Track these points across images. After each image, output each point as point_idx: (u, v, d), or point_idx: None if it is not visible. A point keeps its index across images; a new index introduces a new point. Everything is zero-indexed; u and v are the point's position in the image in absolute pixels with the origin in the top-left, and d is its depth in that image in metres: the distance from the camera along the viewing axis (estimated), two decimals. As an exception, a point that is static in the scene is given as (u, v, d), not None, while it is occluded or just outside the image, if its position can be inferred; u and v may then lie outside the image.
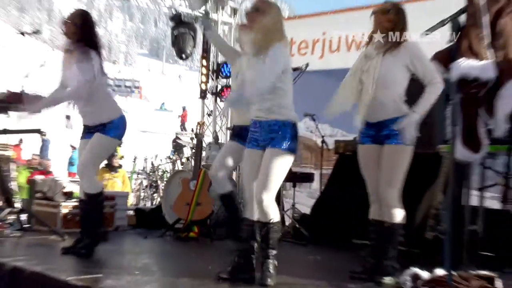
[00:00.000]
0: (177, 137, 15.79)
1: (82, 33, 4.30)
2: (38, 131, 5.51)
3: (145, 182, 14.23)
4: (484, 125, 3.17)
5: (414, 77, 3.60)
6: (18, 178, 9.81)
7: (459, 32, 2.53)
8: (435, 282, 3.00)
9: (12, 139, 16.10)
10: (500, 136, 3.35)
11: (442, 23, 2.48)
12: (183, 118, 31.50)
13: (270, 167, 3.43)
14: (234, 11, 9.24)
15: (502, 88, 3.02)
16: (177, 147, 14.45)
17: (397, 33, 3.51)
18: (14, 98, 5.04)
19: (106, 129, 4.34)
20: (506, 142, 3.78)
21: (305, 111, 6.55)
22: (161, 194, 9.79)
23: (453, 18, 2.50)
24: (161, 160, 14.96)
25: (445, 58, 2.86)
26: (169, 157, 15.10)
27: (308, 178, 6.81)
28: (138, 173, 14.73)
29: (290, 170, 6.26)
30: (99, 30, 4.70)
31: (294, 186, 6.42)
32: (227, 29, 9.23)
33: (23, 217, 5.60)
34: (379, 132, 3.68)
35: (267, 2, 3.59)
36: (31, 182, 6.34)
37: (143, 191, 14.02)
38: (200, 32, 8.81)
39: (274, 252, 3.47)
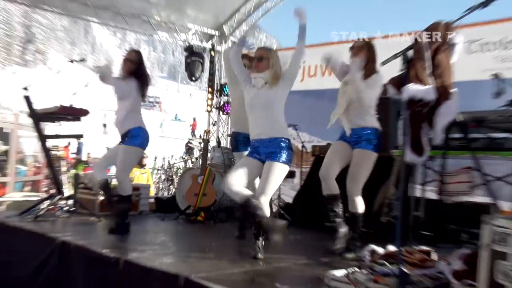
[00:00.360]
0: (189, 142, 15.75)
1: (135, 69, 4.35)
2: (81, 136, 5.48)
3: (163, 177, 14.18)
4: (426, 135, 3.19)
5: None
6: (76, 171, 9.77)
7: (408, 63, 2.55)
8: (388, 256, 3.00)
9: (62, 142, 16.12)
10: (437, 144, 3.37)
11: (395, 56, 2.49)
12: (193, 127, 31.44)
13: (269, 177, 3.41)
14: (234, 44, 9.25)
15: (439, 107, 3.04)
16: (189, 150, 14.40)
17: (370, 65, 3.56)
18: (64, 110, 5.04)
19: (127, 139, 4.32)
20: (442, 148, 3.82)
21: (289, 123, 6.52)
22: (176, 186, 9.74)
23: (403, 53, 2.51)
24: (175, 159, 14.92)
25: (398, 83, 2.87)
26: (182, 157, 15.04)
27: (291, 175, 6.76)
28: (158, 169, 14.69)
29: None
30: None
31: (279, 180, 6.40)
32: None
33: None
34: (350, 138, 3.69)
35: (267, 50, 3.60)
36: (75, 176, 6.30)
37: (161, 183, 13.97)
38: (207, 60, 8.85)
39: (262, 236, 3.48)
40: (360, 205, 3.59)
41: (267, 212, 3.43)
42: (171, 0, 8.33)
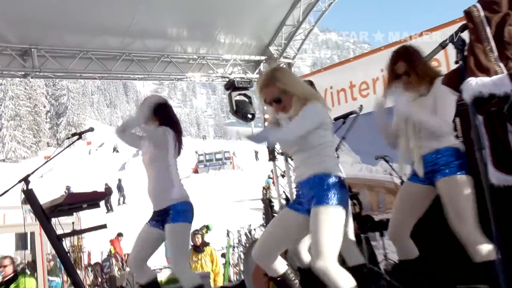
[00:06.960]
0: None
1: (162, 118, 4.66)
2: (104, 226, 5.75)
3: (242, 255, 14.26)
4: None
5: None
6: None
7: (463, 51, 2.45)
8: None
9: (111, 233, 16.86)
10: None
11: (441, 46, 2.41)
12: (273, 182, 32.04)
13: (318, 230, 3.26)
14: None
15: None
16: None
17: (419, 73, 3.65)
18: (72, 199, 5.35)
19: (171, 217, 4.47)
20: None
21: (376, 154, 6.42)
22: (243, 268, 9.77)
23: (452, 39, 2.44)
24: (254, 229, 14.98)
25: (455, 80, 2.75)
26: (263, 225, 15.12)
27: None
28: (235, 247, 14.82)
29: (373, 218, 6.13)
30: (185, 109, 4.98)
31: (382, 235, 6.19)
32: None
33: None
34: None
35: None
36: (111, 279, 6.58)
37: (242, 264, 14.03)
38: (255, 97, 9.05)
39: None
40: (479, 250, 3.45)
41: (341, 281, 3.20)
42: (195, 29, 8.48)
